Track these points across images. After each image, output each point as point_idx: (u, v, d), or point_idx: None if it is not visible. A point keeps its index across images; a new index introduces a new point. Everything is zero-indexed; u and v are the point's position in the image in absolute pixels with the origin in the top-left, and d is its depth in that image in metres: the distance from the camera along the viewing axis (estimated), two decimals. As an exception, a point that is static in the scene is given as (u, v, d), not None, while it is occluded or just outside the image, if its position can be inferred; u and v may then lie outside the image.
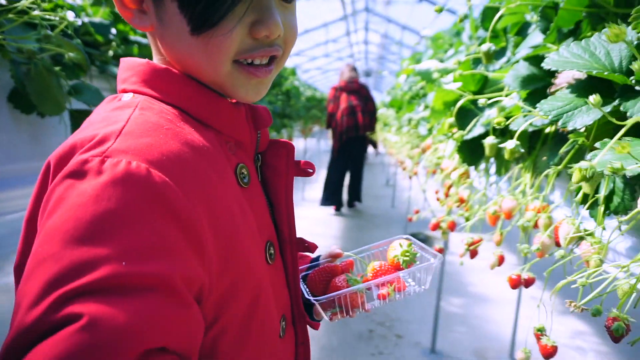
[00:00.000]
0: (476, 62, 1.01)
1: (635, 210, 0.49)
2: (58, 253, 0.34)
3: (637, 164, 0.36)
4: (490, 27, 0.87)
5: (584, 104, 0.54)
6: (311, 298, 0.62)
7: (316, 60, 15.97)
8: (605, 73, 0.51)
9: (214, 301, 0.43)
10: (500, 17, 0.83)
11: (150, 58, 0.52)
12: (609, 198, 0.58)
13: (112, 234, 0.35)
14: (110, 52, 1.21)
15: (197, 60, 0.47)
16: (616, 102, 0.51)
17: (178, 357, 0.36)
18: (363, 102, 5.15)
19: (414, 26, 12.48)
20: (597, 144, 0.47)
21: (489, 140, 0.86)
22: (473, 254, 1.18)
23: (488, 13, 0.99)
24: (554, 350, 0.65)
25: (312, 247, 0.66)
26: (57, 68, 0.87)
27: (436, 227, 1.29)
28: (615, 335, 0.46)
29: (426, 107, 1.71)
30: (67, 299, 0.32)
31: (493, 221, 0.99)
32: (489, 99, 0.87)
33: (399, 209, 5.89)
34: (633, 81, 0.50)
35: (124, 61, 0.52)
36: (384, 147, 5.34)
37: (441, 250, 1.51)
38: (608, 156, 0.44)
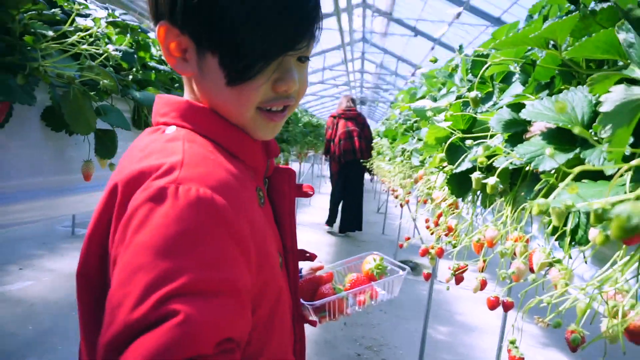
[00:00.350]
0: (466, 104, 1.12)
1: (591, 243, 0.59)
2: (152, 263, 0.42)
3: (585, 202, 0.46)
4: (479, 75, 0.99)
5: (552, 151, 0.64)
6: (306, 303, 0.72)
7: (312, 87, 16.27)
8: (569, 125, 0.62)
9: (251, 301, 0.52)
10: (487, 67, 0.95)
11: (166, 82, 0.62)
12: (574, 231, 0.68)
13: (192, 248, 0.43)
14: (130, 77, 1.31)
15: (228, 105, 0.57)
16: (577, 150, 0.61)
17: (237, 345, 0.44)
18: (360, 128, 5.38)
19: (408, 57, 12.86)
20: (560, 184, 0.57)
21: (475, 175, 0.96)
22: (459, 279, 1.26)
23: (477, 62, 1.10)
24: (523, 362, 0.73)
25: (312, 257, 0.77)
26: (92, 93, 0.96)
27: (425, 252, 1.38)
28: (573, 344, 0.55)
29: (419, 140, 1.82)
30: (165, 300, 0.40)
31: (478, 249, 1.08)
32: (476, 138, 0.98)
33: (390, 235, 5.97)
34: (592, 133, 0.61)
35: (162, 97, 0.61)
36: (377, 175, 5.47)
37: (428, 276, 1.60)
38: (565, 195, 0.54)
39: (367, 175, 5.91)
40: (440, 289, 4.02)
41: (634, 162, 0.41)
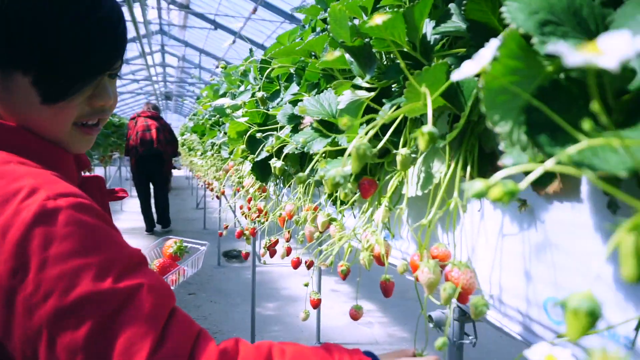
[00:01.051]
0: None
1: (351, 202, 0.82)
2: (86, 262, 0.46)
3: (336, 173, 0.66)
4: (264, 76, 1.17)
5: (318, 137, 0.86)
6: None
7: (109, 82, 14.80)
8: (327, 117, 0.83)
9: None
10: (270, 71, 1.13)
11: None
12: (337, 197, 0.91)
13: (102, 240, 0.50)
14: None
15: (43, 123, 0.57)
16: (333, 136, 0.83)
17: None
18: (158, 123, 5.35)
19: (211, 50, 12.81)
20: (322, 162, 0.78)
21: (273, 162, 1.15)
22: (272, 253, 1.46)
23: (264, 66, 1.29)
24: (319, 302, 0.96)
25: None
26: None
27: (240, 234, 1.54)
28: (343, 274, 0.77)
29: (225, 133, 1.97)
30: (119, 279, 0.46)
31: (282, 223, 1.29)
32: (269, 130, 1.17)
33: (211, 229, 6.01)
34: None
35: None
36: (191, 172, 5.44)
37: (247, 255, 1.77)
38: (328, 168, 0.75)
39: (177, 173, 5.85)
40: (266, 270, 4.30)
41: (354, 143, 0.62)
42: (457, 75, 0.30)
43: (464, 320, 0.71)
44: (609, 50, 0.18)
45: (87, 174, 0.74)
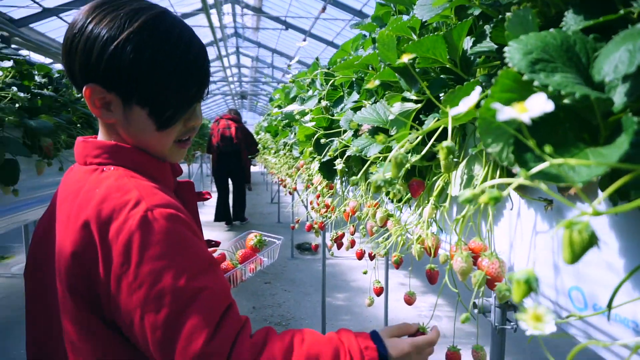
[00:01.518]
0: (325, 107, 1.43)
1: (406, 199, 0.92)
2: (169, 263, 0.61)
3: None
4: (329, 84, 1.30)
5: (375, 142, 0.96)
6: None
7: (190, 85, 15.79)
8: (381, 125, 0.94)
9: None
10: (332, 82, 1.26)
11: (52, 106, 0.75)
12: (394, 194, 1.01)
13: (185, 247, 0.63)
14: (17, 105, 1.39)
15: (155, 144, 0.73)
16: (388, 141, 0.93)
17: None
18: (237, 123, 5.81)
19: (282, 50, 13.22)
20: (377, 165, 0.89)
21: (337, 163, 1.28)
22: (338, 245, 1.59)
23: (328, 74, 1.41)
24: (381, 290, 1.06)
25: (217, 243, 1.00)
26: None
27: (310, 228, 1.69)
28: (396, 263, 0.88)
29: (295, 134, 2.12)
30: (191, 280, 0.61)
31: (346, 217, 1.41)
32: (331, 134, 1.29)
33: (285, 223, 6.30)
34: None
35: (89, 142, 0.73)
36: (266, 168, 5.75)
37: (316, 247, 1.91)
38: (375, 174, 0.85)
39: (253, 169, 6.23)
40: (336, 263, 4.46)
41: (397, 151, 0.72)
42: (454, 111, 0.40)
43: (505, 307, 0.79)
44: (531, 108, 0.28)
45: (181, 179, 0.91)
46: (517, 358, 2.54)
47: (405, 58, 0.51)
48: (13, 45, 7.62)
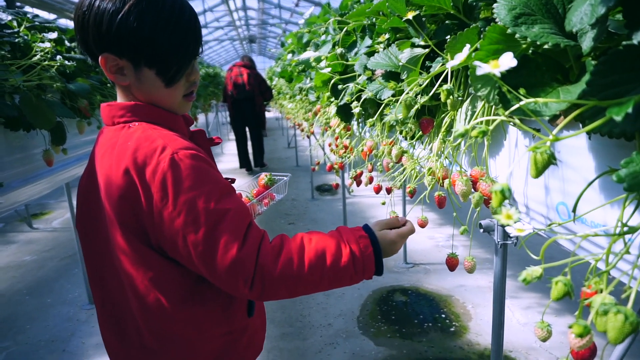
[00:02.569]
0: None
1: (418, 136, 1.03)
2: (198, 192, 0.73)
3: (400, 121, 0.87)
4: (342, 32, 1.36)
5: (386, 86, 1.05)
6: None
7: (197, 32, 15.46)
8: (393, 69, 1.02)
9: None
10: (345, 30, 1.32)
11: (83, 69, 0.82)
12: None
13: (208, 177, 0.75)
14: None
15: (166, 100, 0.84)
16: (399, 84, 1.02)
17: None
18: (249, 69, 5.83)
19: (289, -12, 12.72)
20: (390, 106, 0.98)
21: (354, 106, 1.37)
22: (358, 182, 1.71)
23: (340, 22, 1.47)
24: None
25: (232, 180, 1.13)
26: (49, 95, 1.18)
27: (330, 168, 1.81)
28: (410, 194, 1.00)
29: (311, 79, 2.19)
30: (218, 202, 0.73)
31: (364, 156, 1.52)
32: (347, 79, 1.37)
33: (303, 166, 6.46)
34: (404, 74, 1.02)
35: (112, 105, 0.84)
36: (281, 113, 5.82)
37: (337, 186, 2.05)
38: (387, 115, 0.95)
39: (267, 115, 6.31)
40: (355, 202, 4.64)
41: (402, 97, 0.82)
42: (451, 64, 0.49)
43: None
44: (501, 64, 0.38)
45: (193, 128, 1.03)
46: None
47: (410, 15, 0.60)
48: (17, 3, 7.58)
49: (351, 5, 1.79)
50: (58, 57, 1.17)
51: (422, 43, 0.90)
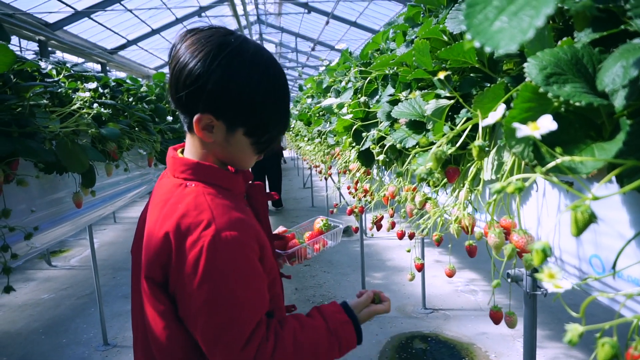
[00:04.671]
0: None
1: (442, 183, 1.04)
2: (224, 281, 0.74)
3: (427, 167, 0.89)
4: (366, 82, 1.40)
5: (411, 134, 1.07)
6: (282, 252, 1.09)
7: (217, 75, 16.01)
8: (417, 118, 1.05)
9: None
10: (368, 80, 1.36)
11: (114, 113, 0.86)
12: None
13: (242, 268, 0.76)
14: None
15: (246, 162, 0.86)
16: (424, 133, 1.04)
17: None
18: None
19: (305, 33, 13.24)
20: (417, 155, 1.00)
21: (376, 152, 1.39)
22: (378, 227, 1.71)
23: (363, 71, 1.52)
24: (422, 266, 1.18)
25: (283, 237, 1.14)
26: (84, 141, 1.23)
27: (351, 212, 1.82)
28: (437, 242, 1.00)
29: (330, 123, 2.24)
30: (238, 297, 0.75)
31: (386, 201, 1.53)
32: (368, 125, 1.40)
33: (319, 207, 6.46)
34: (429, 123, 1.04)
35: (177, 159, 0.84)
36: (298, 155, 5.91)
37: (357, 229, 2.04)
38: (420, 160, 0.97)
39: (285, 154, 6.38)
40: (372, 243, 4.59)
41: (433, 149, 0.83)
42: (485, 122, 0.51)
43: (535, 276, 0.90)
44: (540, 127, 0.39)
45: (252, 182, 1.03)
46: (550, 326, 2.63)
47: (442, 75, 0.62)
48: (49, 49, 8.00)
49: (371, 53, 1.85)
50: (95, 104, 1.23)
51: (448, 94, 0.92)
